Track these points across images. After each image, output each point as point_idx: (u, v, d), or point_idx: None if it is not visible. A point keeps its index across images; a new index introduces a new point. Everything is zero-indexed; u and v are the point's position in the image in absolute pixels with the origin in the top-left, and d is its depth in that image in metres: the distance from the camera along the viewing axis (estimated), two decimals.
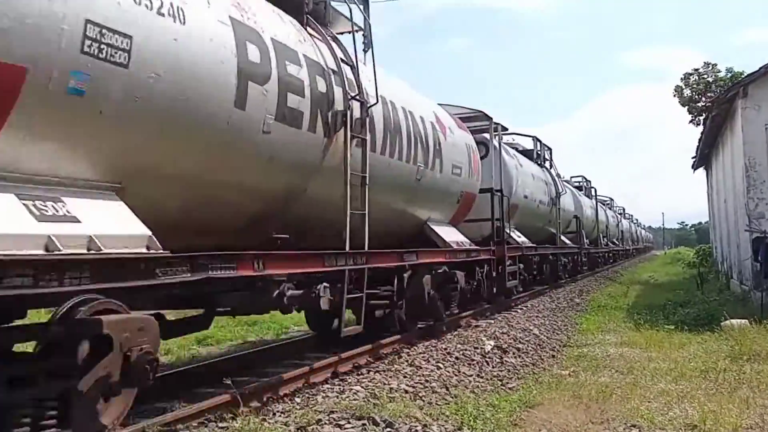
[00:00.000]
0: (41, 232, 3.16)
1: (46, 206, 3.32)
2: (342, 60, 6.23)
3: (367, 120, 6.25)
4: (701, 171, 25.26)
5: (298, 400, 5.06)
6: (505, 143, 13.87)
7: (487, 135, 11.91)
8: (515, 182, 13.32)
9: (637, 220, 58.01)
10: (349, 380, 5.77)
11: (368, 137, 6.24)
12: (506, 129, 13.22)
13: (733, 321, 9.12)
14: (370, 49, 6.58)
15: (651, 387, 6.04)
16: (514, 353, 7.80)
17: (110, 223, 3.63)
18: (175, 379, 5.76)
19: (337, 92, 5.93)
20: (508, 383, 6.39)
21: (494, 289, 10.61)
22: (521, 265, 12.66)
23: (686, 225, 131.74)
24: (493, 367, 6.97)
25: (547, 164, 18.29)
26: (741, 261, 14.17)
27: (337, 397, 5.10)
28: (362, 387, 5.43)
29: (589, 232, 24.18)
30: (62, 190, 3.53)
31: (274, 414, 4.64)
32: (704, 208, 28.35)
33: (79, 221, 3.44)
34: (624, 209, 47.31)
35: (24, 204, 3.21)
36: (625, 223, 43.84)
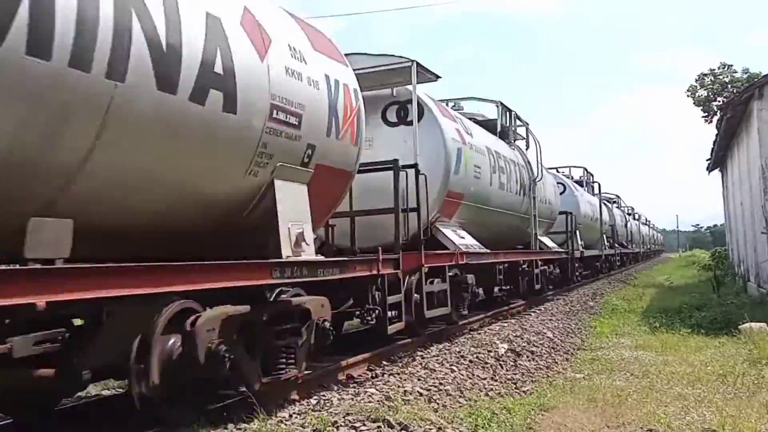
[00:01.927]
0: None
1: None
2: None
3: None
4: (716, 173, 25.02)
5: (313, 401, 5.08)
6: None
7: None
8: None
9: (650, 221, 57.74)
10: (364, 383, 5.78)
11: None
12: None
13: (752, 324, 9.00)
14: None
15: (667, 391, 5.99)
16: (527, 356, 7.77)
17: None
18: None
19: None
20: (522, 386, 6.37)
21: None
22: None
23: (701, 227, 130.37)
24: (507, 370, 6.94)
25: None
26: (758, 263, 14.02)
27: (352, 399, 5.10)
28: (377, 390, 5.43)
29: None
30: None
31: (291, 416, 4.66)
32: (719, 211, 28.14)
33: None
34: (640, 214, 47.93)
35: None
36: (643, 227, 45.64)
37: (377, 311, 6.31)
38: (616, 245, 28.16)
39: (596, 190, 25.47)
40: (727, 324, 10.01)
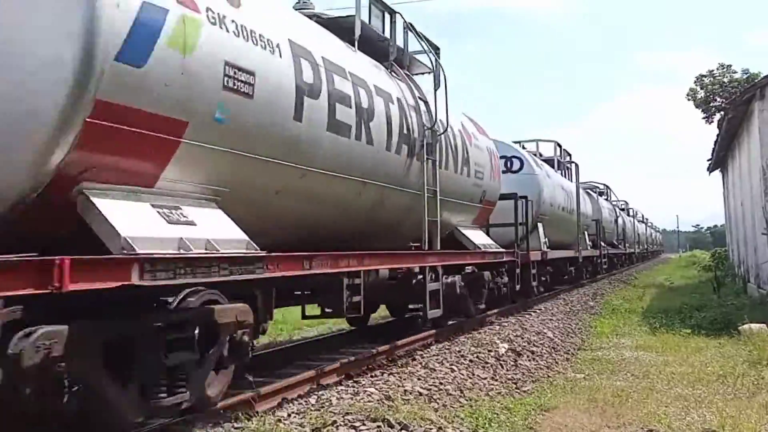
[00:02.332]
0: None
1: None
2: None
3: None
4: (717, 173, 25.02)
5: (312, 401, 5.06)
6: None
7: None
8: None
9: (647, 219, 53.99)
10: (363, 382, 5.76)
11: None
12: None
13: (752, 325, 9.00)
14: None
15: (667, 391, 5.99)
16: (528, 356, 7.76)
17: None
18: None
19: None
20: (522, 386, 6.36)
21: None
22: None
23: (701, 228, 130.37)
24: (507, 370, 6.93)
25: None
26: (759, 264, 14.01)
27: (352, 398, 5.09)
28: (376, 389, 5.41)
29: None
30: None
31: (289, 415, 4.64)
32: (720, 211, 28.11)
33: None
34: (636, 210, 45.26)
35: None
36: (639, 225, 43.55)
37: None
38: (603, 244, 22.57)
39: (574, 175, 19.12)
40: (727, 325, 10.01)
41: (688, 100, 32.91)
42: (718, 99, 30.98)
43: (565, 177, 18.32)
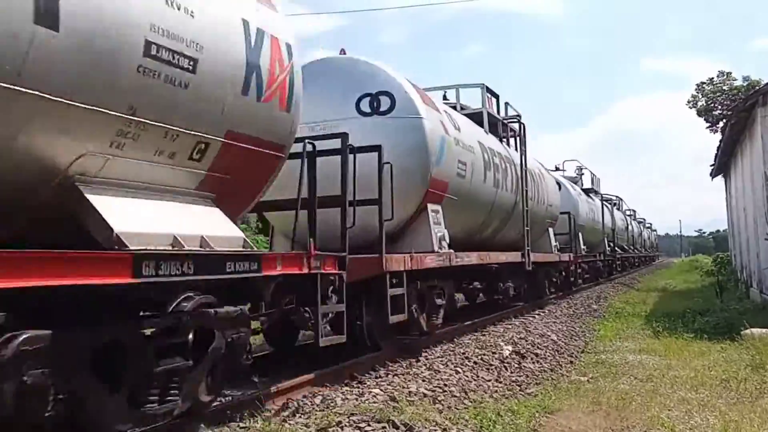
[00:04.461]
0: None
1: None
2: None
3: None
4: (719, 179, 25.01)
5: (317, 401, 5.10)
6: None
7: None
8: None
9: (629, 207, 51.06)
10: (368, 383, 5.80)
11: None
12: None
13: (754, 330, 9.00)
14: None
15: (671, 395, 6.00)
16: (532, 358, 7.79)
17: None
18: None
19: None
20: (526, 388, 6.39)
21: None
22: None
23: (704, 232, 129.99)
24: (511, 372, 6.96)
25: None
26: (761, 270, 14.01)
27: (357, 399, 5.12)
28: (381, 390, 5.45)
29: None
30: None
31: (294, 415, 4.68)
32: (722, 216, 28.07)
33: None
34: (632, 211, 42.08)
35: None
36: (644, 231, 43.79)
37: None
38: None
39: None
40: (729, 329, 10.00)
41: (690, 107, 32.91)
42: (719, 107, 30.93)
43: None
